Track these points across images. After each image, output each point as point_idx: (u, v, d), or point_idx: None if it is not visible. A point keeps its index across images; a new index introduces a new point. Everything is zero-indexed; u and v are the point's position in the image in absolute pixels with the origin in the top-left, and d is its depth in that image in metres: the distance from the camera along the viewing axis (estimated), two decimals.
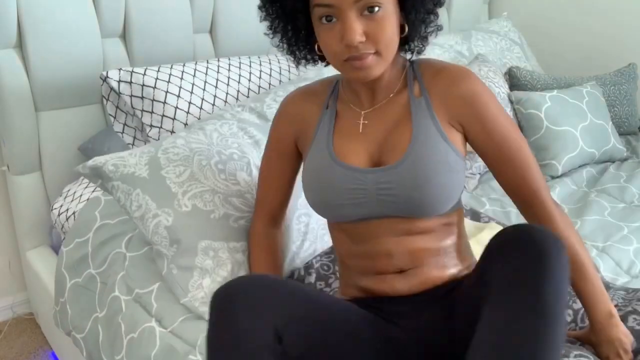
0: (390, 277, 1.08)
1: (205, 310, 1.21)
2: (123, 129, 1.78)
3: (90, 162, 1.35)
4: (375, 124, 1.06)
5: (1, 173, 1.98)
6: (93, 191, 1.72)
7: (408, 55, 1.08)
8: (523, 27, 2.80)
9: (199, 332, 1.18)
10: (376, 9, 0.91)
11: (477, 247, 1.56)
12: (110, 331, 1.34)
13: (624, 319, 1.26)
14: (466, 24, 2.82)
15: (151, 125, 1.70)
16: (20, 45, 1.71)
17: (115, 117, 1.77)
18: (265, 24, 1.05)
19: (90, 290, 1.47)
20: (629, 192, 1.88)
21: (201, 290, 1.23)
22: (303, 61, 1.07)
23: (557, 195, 1.88)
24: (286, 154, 1.17)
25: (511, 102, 2.14)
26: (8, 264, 2.14)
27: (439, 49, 2.38)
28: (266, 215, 1.24)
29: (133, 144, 1.78)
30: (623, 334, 1.03)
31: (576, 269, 1.01)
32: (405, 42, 1.03)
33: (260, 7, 1.02)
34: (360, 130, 1.06)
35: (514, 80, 2.34)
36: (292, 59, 1.07)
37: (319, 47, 1.01)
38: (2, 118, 1.75)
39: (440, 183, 0.99)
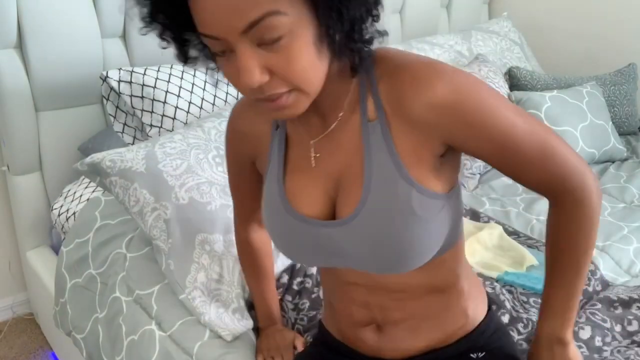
0: (368, 332, 0.93)
1: (202, 312, 1.22)
2: (123, 129, 1.78)
3: (88, 159, 1.36)
4: (328, 157, 0.82)
5: (1, 173, 1.98)
6: (93, 191, 1.72)
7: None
8: (523, 27, 2.80)
9: (196, 340, 1.19)
10: (277, 37, 0.64)
11: (477, 246, 1.56)
12: (111, 332, 1.34)
13: (628, 305, 1.27)
14: (466, 24, 2.82)
15: (151, 125, 1.70)
16: (20, 45, 1.71)
17: (115, 117, 1.77)
18: None
19: (91, 290, 1.46)
20: (629, 192, 1.88)
21: (197, 288, 1.24)
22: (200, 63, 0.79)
23: None
24: (248, 170, 0.97)
25: (511, 102, 2.13)
26: (8, 264, 2.14)
27: (438, 48, 2.38)
28: (247, 220, 1.11)
29: (133, 144, 1.78)
30: (573, 354, 0.87)
31: (565, 268, 0.83)
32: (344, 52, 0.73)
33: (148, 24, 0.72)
34: (313, 165, 0.83)
35: (514, 80, 2.34)
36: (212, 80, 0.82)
37: None
38: (2, 118, 1.75)
39: (405, 239, 0.76)
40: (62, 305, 1.54)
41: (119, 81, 1.69)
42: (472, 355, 0.91)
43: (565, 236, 0.81)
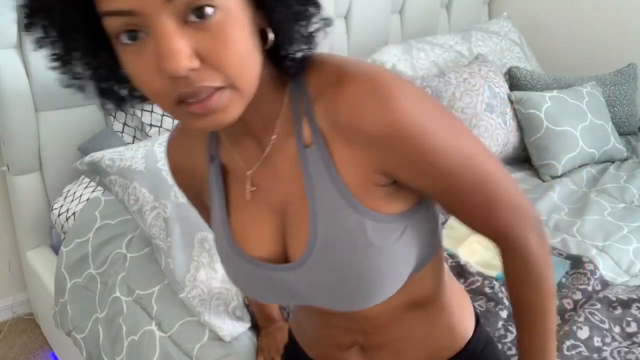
0: (353, 355, 0.84)
1: (201, 310, 1.22)
2: (123, 129, 1.79)
3: (87, 158, 1.36)
4: (268, 188, 0.70)
5: (1, 173, 1.98)
6: (93, 191, 1.72)
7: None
8: (523, 27, 2.80)
9: (196, 341, 1.19)
10: (209, 10, 0.52)
11: (477, 246, 1.57)
12: (111, 332, 1.34)
13: (627, 306, 1.27)
14: (466, 24, 2.81)
15: (151, 125, 1.70)
16: (20, 45, 1.71)
17: (115, 117, 1.77)
18: None
19: (91, 290, 1.47)
20: (629, 192, 1.88)
21: (197, 287, 1.24)
22: (121, 105, 0.65)
23: (557, 195, 1.88)
24: (204, 204, 0.83)
25: (511, 102, 2.14)
26: (8, 264, 2.14)
27: (438, 48, 2.38)
28: None
29: (133, 144, 1.79)
30: None
31: (530, 315, 0.77)
32: (275, 55, 0.62)
33: (27, 28, 0.58)
34: (248, 199, 0.72)
35: (514, 80, 2.34)
36: (102, 103, 0.64)
37: None
38: (2, 118, 1.75)
39: (366, 274, 0.66)
40: (62, 305, 1.54)
41: None
42: None
43: (520, 289, 0.75)
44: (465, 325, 0.84)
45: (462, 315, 0.84)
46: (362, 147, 0.62)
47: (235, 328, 1.20)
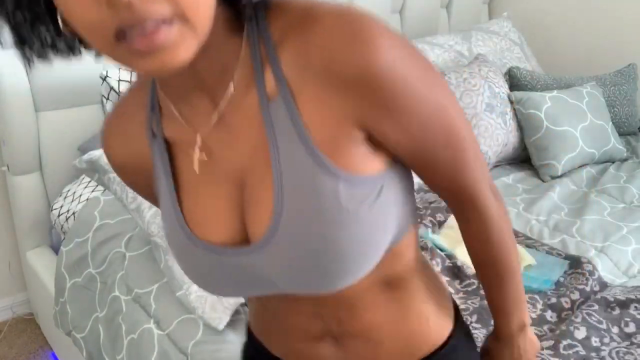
0: (326, 348, 0.74)
1: (196, 306, 1.22)
2: None
3: (86, 156, 1.36)
4: (223, 157, 0.61)
5: (1, 173, 1.98)
6: (92, 191, 1.72)
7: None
8: (523, 28, 2.80)
9: (191, 338, 1.19)
10: None
11: None
12: (111, 331, 1.35)
13: (625, 306, 1.27)
14: (466, 24, 2.82)
15: None
16: None
17: None
18: None
19: (90, 290, 1.47)
20: (629, 193, 1.88)
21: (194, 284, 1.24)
22: (44, 54, 0.55)
23: (557, 195, 1.88)
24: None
25: (511, 102, 2.14)
26: (8, 264, 2.14)
27: (438, 48, 2.38)
28: None
29: None
30: (530, 344, 0.84)
31: (498, 273, 0.76)
32: None
33: None
34: (197, 170, 0.62)
35: (514, 80, 2.34)
36: (21, 54, 0.55)
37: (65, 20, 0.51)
38: (2, 118, 1.75)
39: (342, 248, 0.58)
40: (62, 304, 1.54)
41: (119, 80, 1.69)
42: None
43: (487, 249, 0.74)
44: (442, 316, 0.77)
45: (439, 305, 0.77)
46: (337, 93, 0.54)
47: (227, 317, 1.20)
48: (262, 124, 0.57)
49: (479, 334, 1.24)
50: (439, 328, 0.77)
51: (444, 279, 1.46)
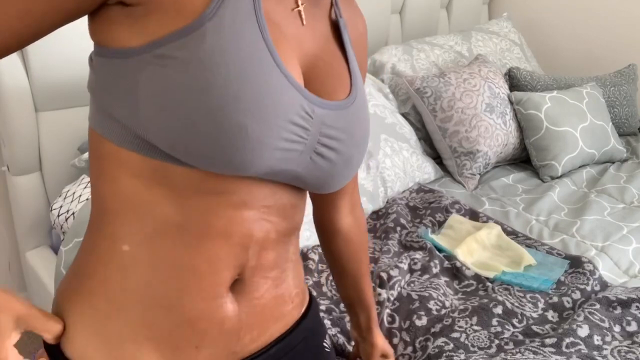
0: (228, 305, 0.63)
1: None
2: None
3: (85, 155, 1.36)
4: (313, 20, 0.66)
5: (1, 173, 1.98)
6: None
7: None
8: (523, 28, 2.80)
9: None
10: None
11: (475, 245, 1.57)
12: None
13: (627, 305, 1.27)
14: (466, 24, 2.82)
15: None
16: None
17: None
18: None
19: None
20: (629, 193, 1.88)
21: None
22: None
23: (557, 195, 1.88)
24: None
25: (511, 102, 2.14)
26: (8, 264, 2.14)
27: (438, 49, 2.38)
28: None
29: None
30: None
31: (362, 266, 0.90)
32: None
33: None
34: (304, 23, 0.64)
35: (514, 80, 2.34)
36: None
37: None
38: (2, 118, 1.75)
39: (368, 130, 0.70)
40: None
41: None
42: (324, 343, 0.82)
43: (362, 237, 0.89)
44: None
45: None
46: (357, 47, 0.76)
47: None
48: (334, 26, 0.70)
49: (480, 335, 1.24)
50: (306, 294, 0.80)
51: (443, 279, 1.46)
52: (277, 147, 0.58)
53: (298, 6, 0.63)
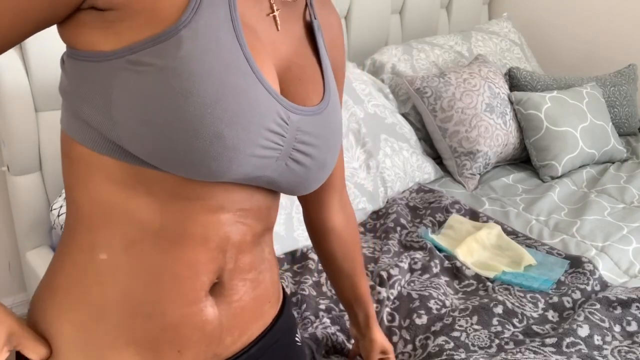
0: (208, 307, 0.63)
1: None
2: None
3: None
4: (287, 23, 0.67)
5: (1, 173, 1.98)
6: None
7: None
8: (523, 28, 2.80)
9: None
10: None
11: (475, 245, 1.56)
12: None
13: (627, 305, 1.28)
14: (466, 24, 2.82)
15: None
16: (20, 45, 1.71)
17: None
18: None
19: None
20: (629, 193, 1.88)
21: None
22: None
23: (557, 195, 1.88)
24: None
25: (511, 102, 2.14)
26: (8, 264, 2.14)
27: (438, 49, 2.38)
28: None
29: None
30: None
31: (356, 264, 0.94)
32: None
33: None
34: (279, 29, 0.65)
35: (514, 81, 2.34)
36: None
37: None
38: (2, 118, 1.75)
39: (340, 135, 0.73)
40: None
41: None
42: (296, 338, 0.83)
43: (354, 234, 0.92)
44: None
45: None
46: (332, 47, 0.77)
47: None
48: (308, 29, 0.70)
49: (480, 334, 1.24)
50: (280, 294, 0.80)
51: (443, 279, 1.46)
52: (253, 154, 0.58)
53: (273, 12, 0.64)
